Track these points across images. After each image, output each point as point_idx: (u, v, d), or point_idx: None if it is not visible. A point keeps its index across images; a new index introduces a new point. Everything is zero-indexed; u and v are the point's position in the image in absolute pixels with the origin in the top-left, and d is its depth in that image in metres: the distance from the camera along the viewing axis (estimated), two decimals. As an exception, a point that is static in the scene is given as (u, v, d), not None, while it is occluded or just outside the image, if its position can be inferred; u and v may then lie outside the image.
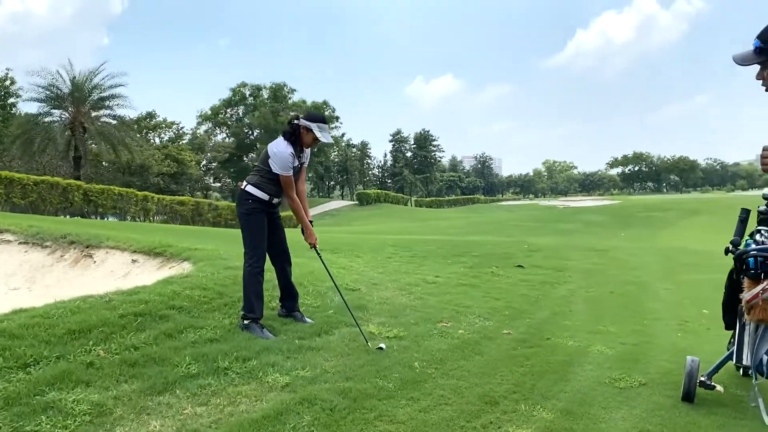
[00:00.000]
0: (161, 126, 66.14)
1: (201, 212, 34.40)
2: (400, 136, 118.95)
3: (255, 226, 5.09)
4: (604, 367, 4.89)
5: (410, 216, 59.21)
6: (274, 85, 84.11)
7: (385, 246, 13.24)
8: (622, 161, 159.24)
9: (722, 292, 9.23)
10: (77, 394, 3.42)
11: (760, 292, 3.72)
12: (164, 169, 52.56)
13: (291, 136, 5.09)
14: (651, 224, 38.90)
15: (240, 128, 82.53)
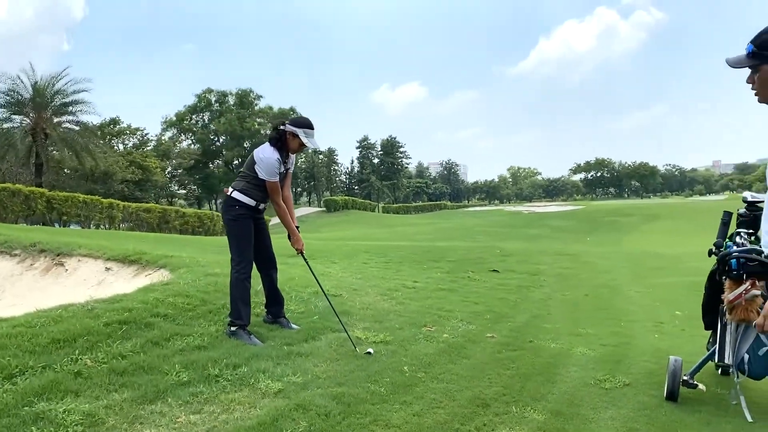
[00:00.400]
0: (125, 132, 64.93)
1: (168, 219, 33.86)
2: (367, 142, 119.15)
3: (242, 232, 5.04)
4: (588, 369, 4.97)
5: (378, 222, 59.31)
6: (241, 91, 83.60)
7: (359, 252, 13.24)
8: (585, 167, 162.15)
9: (691, 295, 9.50)
10: (67, 404, 3.34)
11: (743, 292, 3.83)
12: (129, 176, 51.59)
13: (277, 141, 5.06)
14: (615, 229, 39.70)
15: (206, 134, 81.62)
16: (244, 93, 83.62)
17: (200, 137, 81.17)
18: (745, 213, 4.39)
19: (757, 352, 4.02)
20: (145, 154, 59.65)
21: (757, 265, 3.85)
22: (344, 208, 76.10)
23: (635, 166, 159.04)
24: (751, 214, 4.36)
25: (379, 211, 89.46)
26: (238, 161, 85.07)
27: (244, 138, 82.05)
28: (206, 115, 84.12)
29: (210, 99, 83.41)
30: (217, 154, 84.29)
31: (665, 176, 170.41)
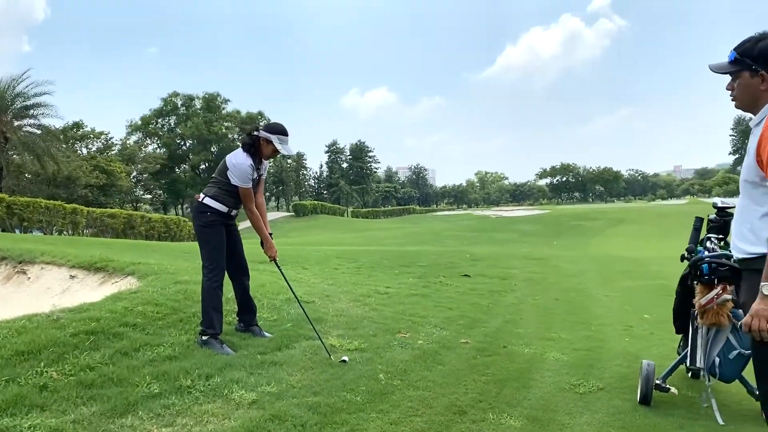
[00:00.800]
0: (89, 136, 63.34)
1: (133, 225, 33.19)
2: (336, 147, 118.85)
3: (214, 239, 4.94)
4: (562, 373, 5.00)
5: (348, 227, 59.15)
6: (207, 95, 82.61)
7: (330, 258, 13.16)
8: (551, 172, 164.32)
9: (658, 298, 9.66)
10: (33, 419, 3.22)
11: (715, 297, 3.91)
12: (92, 181, 50.37)
13: (250, 147, 4.98)
14: (581, 233, 40.32)
15: (172, 139, 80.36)
16: (211, 97, 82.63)
17: (166, 141, 79.89)
18: (716, 219, 4.47)
19: (727, 355, 4.11)
20: (109, 159, 58.33)
21: (727, 269, 3.93)
22: (313, 213, 75.72)
23: (599, 171, 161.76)
24: (721, 219, 4.44)
25: (348, 215, 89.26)
26: (205, 166, 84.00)
27: (211, 142, 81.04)
28: (172, 119, 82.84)
29: (176, 103, 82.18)
30: (184, 158, 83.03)
31: (628, 181, 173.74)
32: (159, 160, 71.92)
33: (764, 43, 2.60)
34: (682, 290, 4.58)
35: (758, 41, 2.62)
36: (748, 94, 2.69)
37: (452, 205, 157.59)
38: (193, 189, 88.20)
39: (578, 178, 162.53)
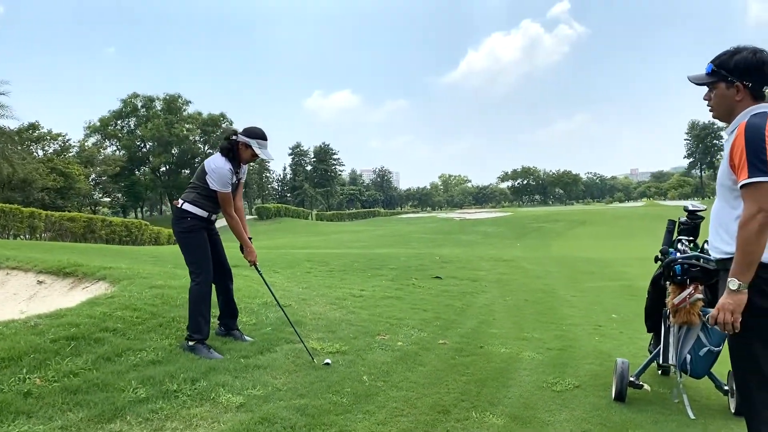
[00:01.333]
0: (45, 138, 61.54)
1: (94, 229, 32.41)
2: (300, 149, 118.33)
3: (196, 244, 4.93)
4: (538, 372, 5.13)
5: (313, 230, 58.94)
6: (168, 96, 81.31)
7: (301, 261, 13.14)
8: (512, 175, 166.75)
9: (623, 298, 9.95)
10: (20, 426, 3.19)
11: (687, 296, 4.09)
12: (49, 184, 49.05)
13: (229, 152, 4.98)
14: (543, 235, 41.01)
15: (132, 141, 78.82)
16: (173, 98, 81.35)
17: (126, 143, 78.29)
18: (686, 221, 4.66)
19: (698, 352, 4.28)
20: (67, 161, 56.85)
21: (698, 270, 4.11)
22: (277, 216, 75.14)
23: (559, 174, 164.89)
24: (691, 222, 4.63)
25: (312, 218, 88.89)
26: (165, 168, 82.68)
27: (172, 144, 79.78)
28: (132, 121, 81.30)
29: (136, 104, 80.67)
30: (144, 160, 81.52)
31: (587, 184, 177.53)
32: (118, 162, 70.43)
33: (740, 56, 2.77)
34: (655, 290, 4.75)
35: (734, 54, 2.79)
36: (724, 105, 2.85)
37: (416, 208, 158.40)
38: (153, 192, 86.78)
39: (539, 181, 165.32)
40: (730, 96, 2.81)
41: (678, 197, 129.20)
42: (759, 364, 2.67)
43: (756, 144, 2.56)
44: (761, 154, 2.53)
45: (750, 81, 2.74)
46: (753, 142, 2.57)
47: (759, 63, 2.72)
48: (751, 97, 2.76)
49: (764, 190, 2.52)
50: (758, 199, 2.53)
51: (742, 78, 2.75)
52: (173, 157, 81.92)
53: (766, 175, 2.50)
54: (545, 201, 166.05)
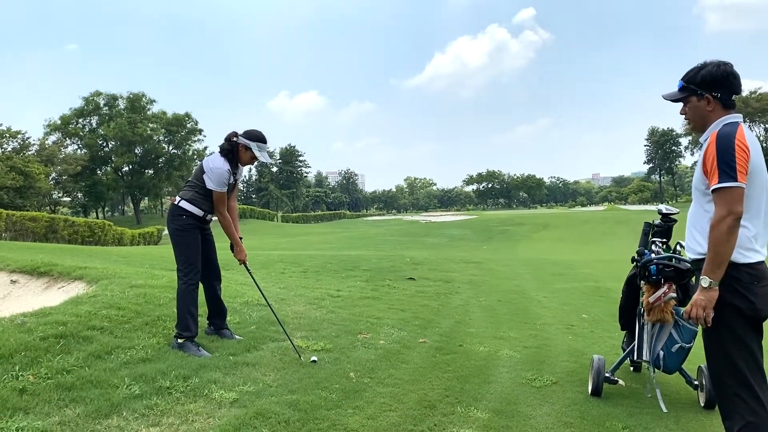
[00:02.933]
0: (4, 135, 59.66)
1: (56, 229, 31.72)
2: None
3: (189, 242, 4.97)
4: (517, 369, 5.31)
5: (279, 232, 58.61)
6: (132, 95, 79.70)
7: (274, 262, 13.16)
8: (477, 179, 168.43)
9: (592, 299, 10.23)
10: (18, 422, 3.21)
11: (662, 295, 4.31)
12: (8, 183, 47.78)
13: (228, 153, 5.05)
14: (508, 237, 41.54)
15: (94, 140, 77.04)
16: (136, 97, 79.84)
17: (88, 142, 76.52)
18: (660, 224, 4.89)
19: (670, 349, 4.51)
20: (26, 159, 55.36)
21: (672, 270, 4.34)
22: (242, 218, 74.38)
23: (523, 178, 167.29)
24: (665, 225, 4.86)
25: (278, 220, 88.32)
26: (128, 168, 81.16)
27: (135, 144, 78.32)
28: (95, 119, 79.42)
29: (99, 102, 78.81)
30: (106, 160, 79.83)
31: (550, 188, 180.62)
32: (80, 161, 68.86)
33: (705, 70, 3.02)
34: (629, 289, 4.97)
35: (700, 69, 3.05)
36: (698, 116, 3.10)
37: (382, 211, 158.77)
38: (115, 192, 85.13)
39: (503, 184, 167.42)
40: (702, 107, 3.05)
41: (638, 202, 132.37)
42: (732, 358, 2.88)
43: (726, 152, 2.79)
44: (731, 161, 2.77)
45: (718, 92, 2.99)
46: (723, 149, 2.80)
47: (724, 75, 2.98)
48: (722, 106, 3.01)
49: (732, 194, 2.75)
50: (727, 203, 2.75)
51: (710, 90, 3.00)
52: (136, 157, 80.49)
53: (734, 180, 2.74)
54: (510, 204, 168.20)
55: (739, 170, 2.75)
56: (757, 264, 2.87)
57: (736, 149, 2.78)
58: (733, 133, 2.84)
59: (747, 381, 2.82)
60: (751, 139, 2.89)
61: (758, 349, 2.90)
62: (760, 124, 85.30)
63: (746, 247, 2.85)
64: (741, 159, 2.77)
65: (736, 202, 2.74)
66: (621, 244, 33.01)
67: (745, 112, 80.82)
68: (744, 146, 2.80)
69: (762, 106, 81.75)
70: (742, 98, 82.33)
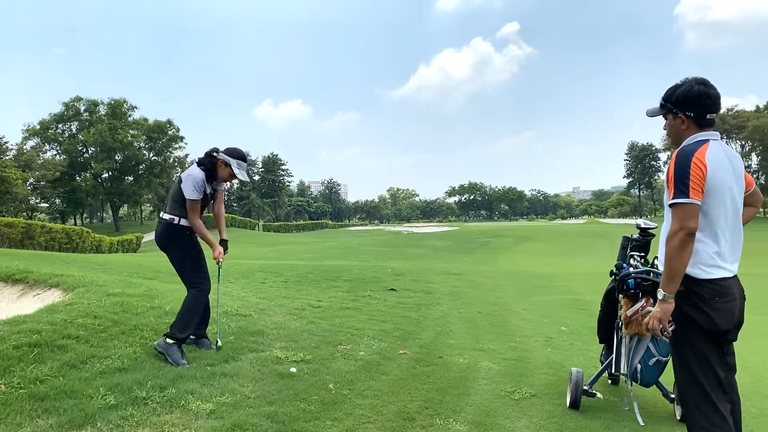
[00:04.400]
0: (-19, 140, 58.99)
1: (32, 235, 31.25)
2: (248, 159, 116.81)
3: (198, 253, 5.10)
4: (496, 381, 5.32)
5: (260, 240, 58.26)
6: (113, 101, 78.86)
7: (254, 271, 13.09)
8: (459, 190, 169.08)
9: (571, 312, 10.29)
10: (-11, 433, 3.14)
11: (640, 308, 4.35)
12: (-16, 187, 47.16)
13: (206, 167, 5.03)
14: (490, 249, 41.74)
15: (73, 145, 76.06)
16: (117, 103, 79.06)
17: (67, 148, 75.50)
18: (638, 238, 4.94)
19: (647, 362, 4.55)
20: (4, 164, 54.59)
21: (650, 284, 4.39)
22: (223, 226, 73.76)
23: (505, 191, 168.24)
24: (643, 239, 4.91)
25: (259, 229, 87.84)
26: (108, 174, 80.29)
27: (115, 150, 77.52)
28: (74, 125, 78.48)
29: (79, 108, 77.91)
30: (86, 166, 78.91)
31: (531, 200, 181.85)
32: (58, 167, 68.05)
33: (681, 89, 3.09)
34: (607, 303, 5.02)
35: (677, 88, 3.12)
36: (673, 134, 3.20)
37: (364, 221, 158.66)
38: (94, 198, 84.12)
39: (485, 196, 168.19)
40: (677, 125, 3.13)
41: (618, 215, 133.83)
42: (693, 371, 2.96)
43: (682, 169, 2.88)
44: (685, 179, 2.86)
45: (690, 111, 3.06)
46: (680, 167, 2.89)
47: (696, 95, 3.04)
48: (696, 125, 3.07)
49: (684, 210, 2.84)
50: (679, 218, 2.85)
51: (684, 109, 3.08)
52: (116, 164, 79.67)
53: (686, 197, 2.83)
54: (491, 216, 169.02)
55: (693, 187, 2.84)
56: (720, 280, 2.94)
57: (691, 166, 2.86)
58: (693, 151, 2.92)
59: (707, 394, 2.90)
60: (714, 156, 2.93)
61: (717, 361, 2.97)
62: (737, 140, 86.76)
63: (708, 264, 2.93)
64: (696, 176, 2.85)
65: (689, 217, 2.83)
66: (600, 256, 33.32)
67: (722, 128, 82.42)
68: (701, 164, 2.87)
69: (739, 123, 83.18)
70: (720, 115, 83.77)
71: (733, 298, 2.95)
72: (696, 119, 3.05)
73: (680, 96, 3.07)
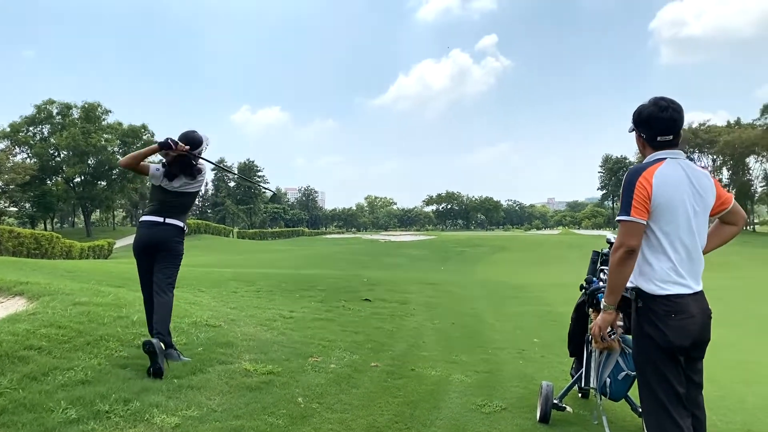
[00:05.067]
0: (-53, 142, 57.65)
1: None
2: (224, 164, 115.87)
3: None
4: (467, 395, 5.29)
5: (235, 248, 57.72)
6: (87, 104, 77.70)
7: (227, 280, 12.94)
8: (437, 199, 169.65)
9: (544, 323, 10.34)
10: (-59, 449, 3.03)
11: (609, 323, 4.35)
12: (-49, 190, 46.05)
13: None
14: (466, 259, 41.93)
15: (45, 149, 74.74)
16: (91, 106, 77.91)
17: (38, 151, 74.13)
18: (608, 252, 4.95)
19: (616, 376, 4.56)
20: (-29, 167, 53.51)
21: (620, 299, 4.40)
22: (197, 233, 72.92)
23: (481, 200, 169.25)
24: (613, 253, 4.92)
25: (234, 236, 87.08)
26: (80, 178, 78.99)
27: (88, 154, 76.28)
28: (46, 128, 77.20)
29: (51, 111, 76.67)
30: (57, 170, 77.54)
31: (507, 211, 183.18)
32: (29, 170, 66.76)
33: (638, 108, 3.16)
34: (578, 316, 5.03)
35: (639, 108, 3.17)
36: (639, 150, 3.28)
37: (341, 229, 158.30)
38: (66, 203, 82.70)
39: (462, 206, 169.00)
40: (638, 143, 3.23)
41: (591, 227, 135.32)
42: (651, 385, 3.02)
43: (627, 187, 2.98)
44: (629, 197, 2.95)
45: (642, 131, 3.15)
46: (626, 185, 3.00)
47: (646, 116, 3.13)
48: (648, 145, 3.12)
49: (626, 227, 2.94)
50: (621, 235, 2.96)
51: (638, 128, 3.17)
52: (89, 168, 78.39)
53: (627, 215, 2.92)
54: (467, 226, 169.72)
55: (635, 206, 2.91)
56: (675, 297, 2.97)
57: (636, 185, 2.94)
58: (641, 170, 2.99)
59: (666, 409, 2.94)
60: (665, 174, 2.97)
61: (675, 377, 2.99)
62: (709, 155, 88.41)
63: (663, 280, 2.98)
64: (639, 195, 2.92)
65: (630, 235, 2.91)
66: (573, 267, 33.60)
67: (694, 143, 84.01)
68: (647, 183, 2.93)
69: (710, 138, 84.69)
70: (692, 129, 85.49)
71: (691, 315, 2.97)
72: (648, 140, 3.12)
73: (635, 115, 3.16)
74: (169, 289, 5.15)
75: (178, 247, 5.24)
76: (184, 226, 5.29)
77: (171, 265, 5.20)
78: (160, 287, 5.08)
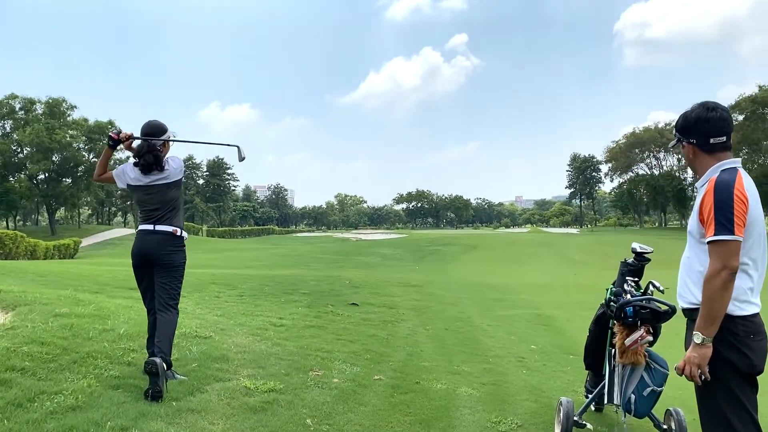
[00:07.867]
0: None
1: (-40, 240, 29.49)
2: (192, 162, 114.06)
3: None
4: (479, 410, 5.05)
5: (206, 247, 56.66)
6: (51, 99, 75.51)
7: (207, 284, 12.49)
8: (407, 198, 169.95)
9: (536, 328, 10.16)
10: None
11: (639, 338, 4.16)
12: None
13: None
14: (439, 258, 41.78)
15: (7, 145, 72.42)
16: (56, 102, 75.72)
17: (0, 147, 71.89)
18: (633, 262, 4.75)
19: (641, 392, 4.36)
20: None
21: (648, 312, 4.20)
22: (165, 231, 71.46)
23: (451, 199, 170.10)
24: (638, 264, 4.73)
25: (203, 234, 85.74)
26: (44, 176, 76.79)
27: (53, 151, 74.10)
28: (8, 124, 74.85)
29: (13, 106, 74.28)
30: (20, 167, 75.25)
31: (476, 209, 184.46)
32: (-10, 167, 64.67)
33: (682, 117, 2.98)
34: (597, 329, 4.83)
35: (681, 116, 2.99)
36: (688, 162, 3.06)
37: (312, 227, 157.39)
38: (29, 201, 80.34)
39: (432, 204, 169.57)
40: (687, 154, 3.00)
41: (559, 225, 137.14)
42: (725, 414, 2.74)
43: (723, 202, 2.67)
44: (728, 213, 2.65)
45: (693, 138, 2.91)
46: (720, 200, 2.68)
47: (693, 120, 2.90)
48: (703, 152, 2.89)
49: (728, 248, 2.63)
50: (722, 257, 2.63)
51: (687, 137, 2.94)
52: (54, 165, 76.24)
53: (731, 233, 2.62)
54: (437, 224, 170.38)
55: (737, 223, 2.64)
56: (752, 316, 2.76)
57: (735, 200, 2.67)
58: (732, 182, 2.73)
59: None
60: (749, 186, 2.77)
61: (753, 404, 2.77)
62: (674, 155, 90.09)
63: (742, 299, 2.74)
64: (739, 211, 2.66)
65: (732, 255, 2.63)
66: (548, 267, 33.83)
67: (660, 142, 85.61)
68: (743, 197, 2.69)
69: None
70: (658, 129, 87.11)
71: (765, 335, 2.77)
72: (700, 146, 2.90)
73: (680, 123, 2.98)
74: (173, 306, 4.77)
75: (173, 257, 4.76)
76: (178, 231, 4.78)
77: (171, 280, 4.78)
78: (162, 305, 4.69)
